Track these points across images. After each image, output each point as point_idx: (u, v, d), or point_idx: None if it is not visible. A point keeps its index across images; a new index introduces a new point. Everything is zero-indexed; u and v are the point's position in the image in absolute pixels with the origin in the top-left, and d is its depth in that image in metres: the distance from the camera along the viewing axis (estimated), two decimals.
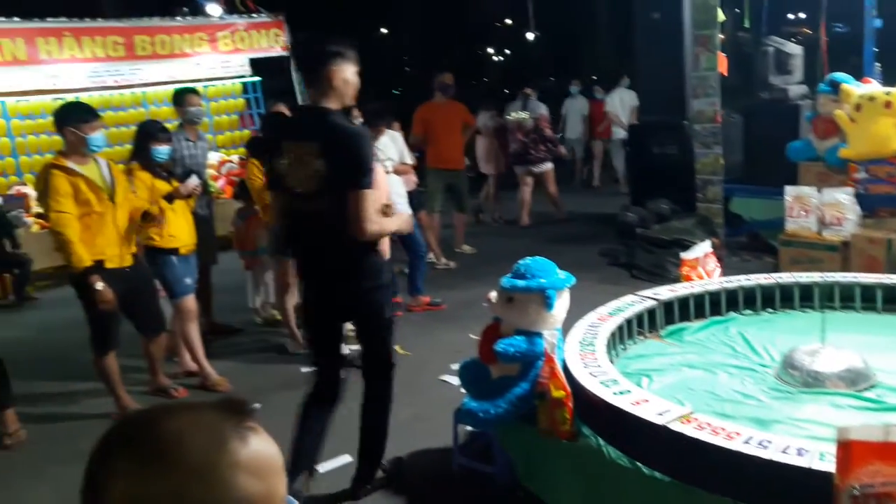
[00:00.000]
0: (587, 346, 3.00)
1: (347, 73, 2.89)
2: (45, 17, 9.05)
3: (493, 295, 3.06)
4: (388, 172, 5.45)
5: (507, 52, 38.74)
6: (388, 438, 3.62)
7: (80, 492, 0.76)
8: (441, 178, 7.34)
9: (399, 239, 5.73)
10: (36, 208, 7.63)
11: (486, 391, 3.05)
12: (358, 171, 2.76)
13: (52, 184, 3.81)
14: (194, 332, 4.64)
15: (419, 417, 3.93)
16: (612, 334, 3.23)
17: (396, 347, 4.91)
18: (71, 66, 9.16)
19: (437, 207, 7.39)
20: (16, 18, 8.81)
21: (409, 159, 5.94)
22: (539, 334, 2.91)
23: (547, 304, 2.89)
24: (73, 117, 3.97)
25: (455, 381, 4.24)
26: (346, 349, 5.19)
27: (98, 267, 3.90)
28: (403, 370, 4.56)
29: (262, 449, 0.79)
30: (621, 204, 7.87)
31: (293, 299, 5.30)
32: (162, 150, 4.48)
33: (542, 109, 9.31)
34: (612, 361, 2.95)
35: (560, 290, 2.97)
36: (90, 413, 4.39)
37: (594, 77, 16.19)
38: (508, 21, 35.05)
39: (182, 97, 5.25)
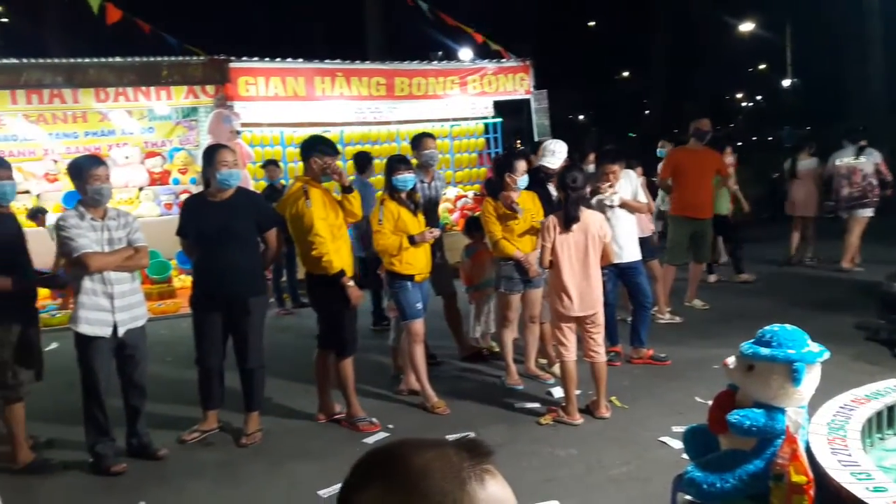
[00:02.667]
0: (837, 430, 2.67)
1: None
2: (323, 59, 10.25)
3: (731, 360, 2.84)
4: (612, 206, 5.36)
5: (758, 97, 36.42)
6: (598, 493, 3.52)
7: None
8: (686, 226, 7.03)
9: (626, 286, 5.58)
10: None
11: (713, 462, 2.82)
12: None
13: (312, 195, 4.33)
14: (420, 354, 4.89)
15: (634, 477, 3.75)
16: (869, 420, 2.84)
17: (612, 399, 4.80)
18: (339, 103, 10.26)
19: (676, 259, 7.08)
20: (300, 60, 10.09)
21: (643, 198, 5.75)
22: (781, 410, 2.64)
23: (794, 377, 2.61)
24: (319, 150, 4.50)
25: (676, 444, 4.01)
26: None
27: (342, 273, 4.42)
28: (619, 424, 4.45)
29: (499, 493, 0.82)
30: (887, 272, 6.93)
31: (512, 334, 5.39)
32: (402, 179, 4.81)
33: (877, 156, 8.90)
34: (865, 451, 2.59)
35: (810, 363, 2.67)
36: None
37: (861, 127, 14.55)
38: (762, 66, 33.01)
39: (419, 141, 5.70)
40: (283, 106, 9.96)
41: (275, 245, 4.67)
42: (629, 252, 5.50)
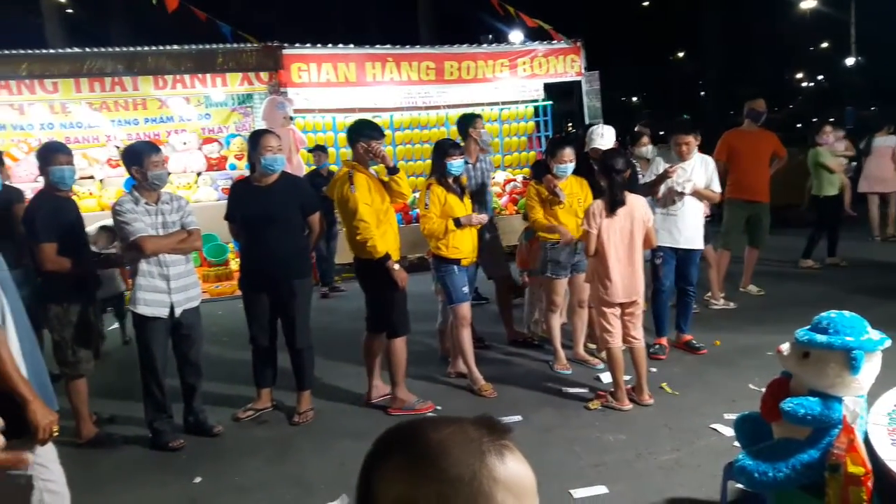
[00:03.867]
0: None
1: None
2: (374, 44, 10.29)
3: (786, 347, 2.77)
4: (683, 194, 5.25)
5: (820, 77, 35.10)
6: (646, 479, 3.49)
7: (356, 487, 0.86)
8: (741, 209, 6.85)
9: (677, 270, 5.47)
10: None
11: (765, 451, 2.77)
12: None
13: (357, 180, 4.36)
14: (466, 336, 4.90)
15: (683, 464, 3.70)
16: None
17: (663, 385, 4.73)
18: (389, 88, 10.29)
19: (730, 243, 6.91)
20: (351, 46, 10.15)
21: (717, 187, 5.52)
22: (838, 399, 2.57)
23: (852, 366, 2.54)
24: (365, 134, 4.49)
25: (727, 431, 3.95)
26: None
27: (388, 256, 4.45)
28: (670, 410, 4.39)
29: (518, 469, 0.82)
30: None
31: (560, 319, 5.36)
32: (455, 164, 4.82)
33: None
34: None
35: (870, 352, 2.59)
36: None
37: None
38: (824, 44, 31.76)
39: (473, 120, 5.61)
40: (334, 92, 10.04)
41: (318, 229, 4.75)
42: (693, 240, 5.40)
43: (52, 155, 4.26)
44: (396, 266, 4.46)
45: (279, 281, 4.49)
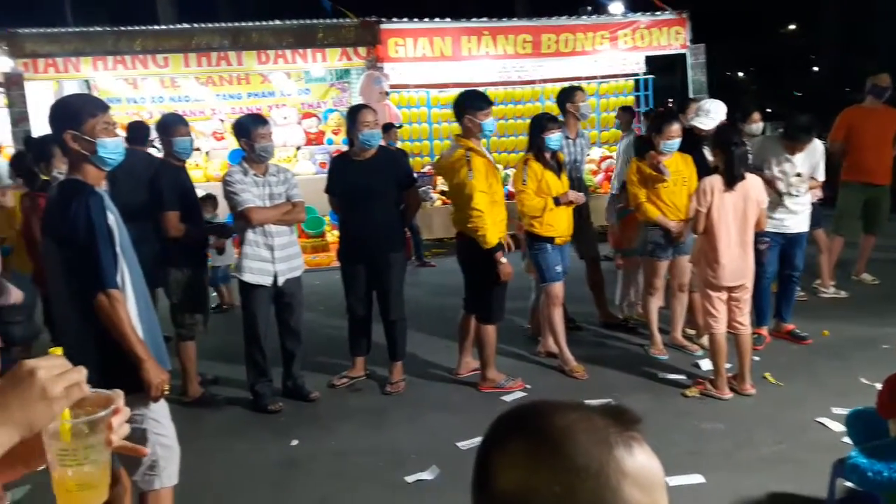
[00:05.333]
0: None
1: None
2: (470, 17, 10.21)
3: None
4: (797, 196, 4.94)
5: None
6: (746, 471, 3.36)
7: (474, 468, 0.82)
8: (859, 192, 6.41)
9: (781, 256, 5.17)
10: (441, 185, 8.74)
11: (880, 449, 2.61)
12: None
13: (475, 165, 4.28)
14: (558, 316, 4.82)
15: (786, 458, 3.54)
16: None
17: (766, 375, 4.53)
18: (485, 62, 10.21)
19: (843, 228, 6.49)
20: (448, 19, 10.11)
21: (821, 175, 5.16)
22: None
23: None
24: (472, 105, 4.41)
25: (836, 426, 3.75)
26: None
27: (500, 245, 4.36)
28: (773, 401, 4.21)
29: (647, 462, 0.77)
30: None
31: (658, 302, 5.20)
32: (553, 139, 4.71)
33: None
34: None
35: None
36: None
37: None
38: None
39: (573, 93, 5.41)
40: (429, 66, 10.06)
41: (414, 203, 4.76)
42: (801, 223, 5.10)
43: (173, 127, 4.50)
44: (504, 259, 4.36)
45: (376, 253, 4.57)
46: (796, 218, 5.07)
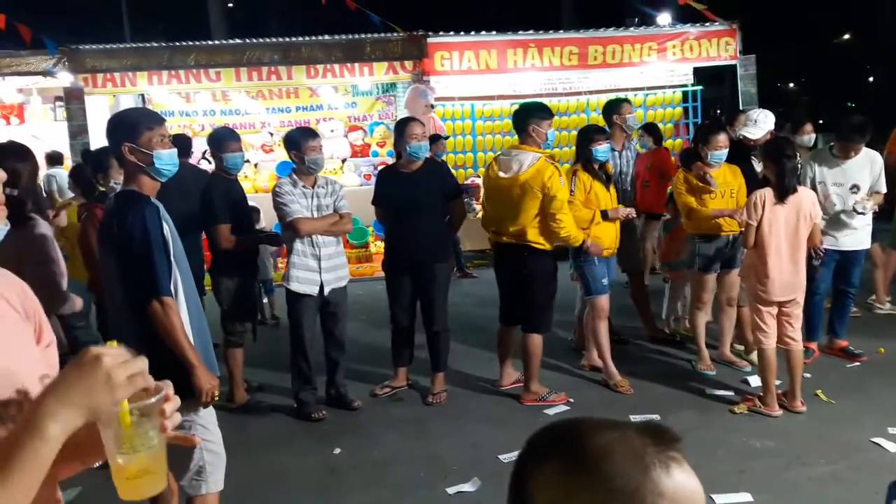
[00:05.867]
0: None
1: None
2: (516, 30, 10.23)
3: None
4: (863, 213, 4.81)
5: None
6: (797, 490, 3.27)
7: (509, 484, 0.83)
8: None
9: (836, 271, 5.02)
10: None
11: None
12: None
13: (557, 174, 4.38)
14: (603, 329, 4.78)
15: (839, 478, 3.43)
16: None
17: (818, 392, 4.40)
18: (529, 74, 10.19)
19: None
20: (493, 32, 10.15)
21: (883, 187, 4.96)
22: None
23: None
24: (538, 115, 4.48)
25: (891, 446, 3.65)
26: None
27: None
28: (825, 420, 4.10)
29: (685, 483, 0.76)
30: None
31: (706, 316, 5.11)
32: (600, 150, 4.70)
33: None
34: None
35: None
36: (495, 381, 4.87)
37: None
38: None
39: (619, 106, 5.40)
40: (473, 79, 10.08)
41: (459, 214, 4.79)
42: (861, 241, 4.97)
43: (225, 142, 4.62)
44: (589, 243, 4.56)
45: (421, 264, 4.60)
46: (855, 235, 4.92)
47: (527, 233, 4.40)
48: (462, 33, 9.96)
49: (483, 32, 10.09)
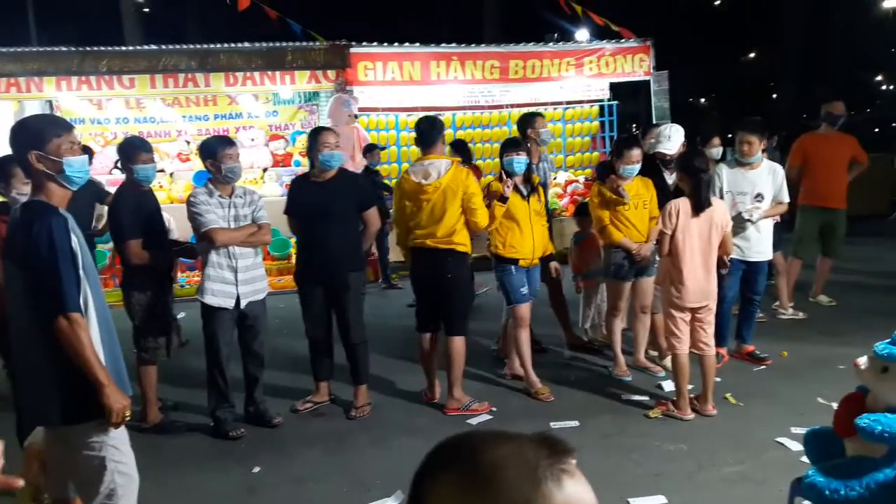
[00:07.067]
0: None
1: None
2: (440, 43, 10.32)
3: (863, 360, 2.65)
4: (750, 221, 5.07)
5: None
6: (708, 491, 3.40)
7: (407, 499, 0.84)
8: (815, 217, 6.60)
9: (742, 280, 5.28)
10: None
11: (837, 468, 2.66)
12: None
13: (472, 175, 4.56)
14: (524, 338, 4.86)
15: (747, 477, 3.59)
16: None
17: (727, 396, 4.60)
18: (452, 87, 10.32)
19: (801, 251, 6.67)
20: (417, 44, 10.20)
21: (786, 197, 5.25)
22: None
23: None
24: (438, 130, 4.65)
25: (794, 445, 3.82)
26: None
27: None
28: (733, 422, 4.27)
29: (577, 495, 0.78)
30: None
31: (621, 323, 5.26)
32: (517, 161, 4.77)
33: None
34: None
35: None
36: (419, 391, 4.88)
37: None
38: None
39: (532, 119, 5.54)
40: (398, 90, 10.12)
41: (374, 224, 4.78)
42: (764, 252, 5.24)
43: (135, 153, 4.42)
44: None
45: (333, 274, 4.55)
46: (760, 247, 5.19)
47: (456, 234, 4.50)
48: (385, 44, 9.98)
49: (406, 44, 10.14)
